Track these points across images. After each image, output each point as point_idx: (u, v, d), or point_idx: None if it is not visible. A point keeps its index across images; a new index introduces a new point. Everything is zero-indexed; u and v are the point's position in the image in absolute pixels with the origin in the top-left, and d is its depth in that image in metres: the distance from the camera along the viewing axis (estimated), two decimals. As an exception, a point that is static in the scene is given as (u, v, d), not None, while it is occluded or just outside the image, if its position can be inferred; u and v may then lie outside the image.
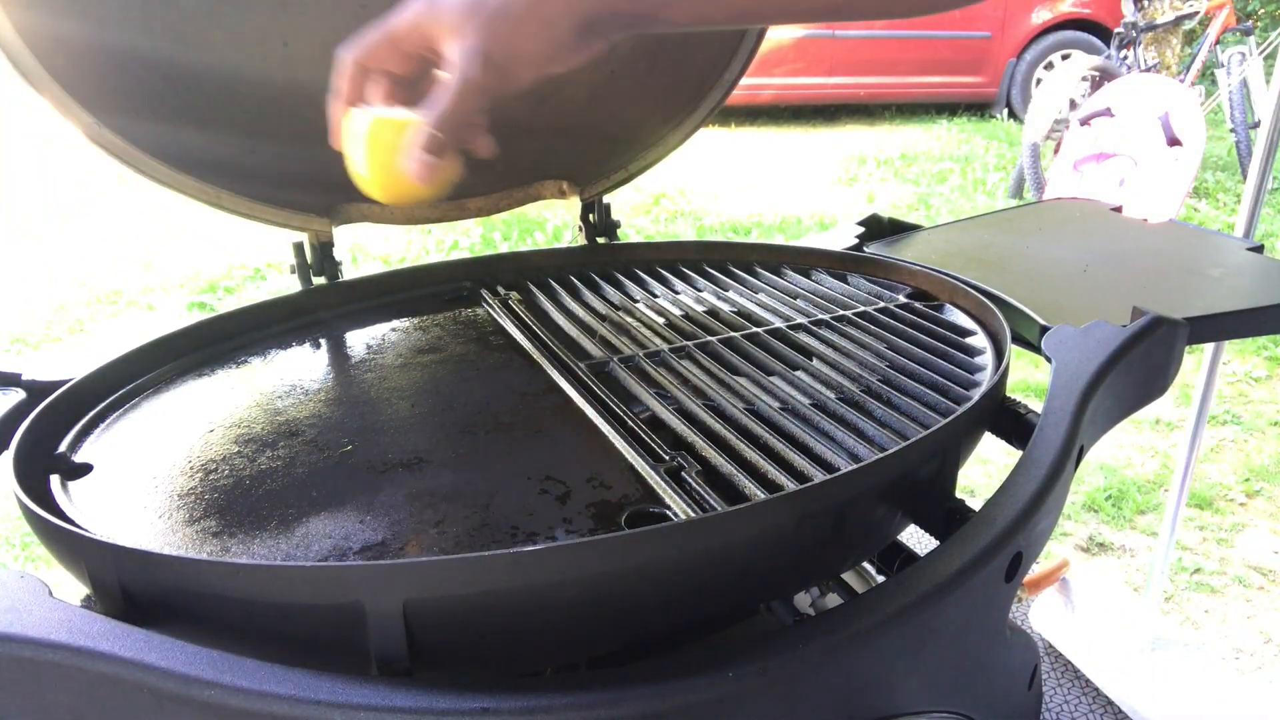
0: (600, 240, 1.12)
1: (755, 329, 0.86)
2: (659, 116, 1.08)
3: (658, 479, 0.61)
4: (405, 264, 1.54)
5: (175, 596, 0.51)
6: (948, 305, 0.92)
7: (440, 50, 0.59)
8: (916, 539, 0.80)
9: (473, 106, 0.58)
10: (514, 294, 0.99)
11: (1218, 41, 5.21)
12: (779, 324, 0.88)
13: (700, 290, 1.00)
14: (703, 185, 5.14)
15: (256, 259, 3.97)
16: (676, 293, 0.99)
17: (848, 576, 0.84)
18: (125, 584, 0.52)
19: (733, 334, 0.85)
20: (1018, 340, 0.84)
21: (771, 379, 0.77)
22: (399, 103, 0.61)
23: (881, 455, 0.59)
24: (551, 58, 0.58)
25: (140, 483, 0.64)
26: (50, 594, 0.50)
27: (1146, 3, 5.24)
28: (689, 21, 0.60)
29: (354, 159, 0.62)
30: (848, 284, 1.00)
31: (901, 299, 0.94)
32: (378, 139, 0.61)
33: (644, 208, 4.79)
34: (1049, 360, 0.75)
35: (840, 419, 0.70)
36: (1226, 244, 1.09)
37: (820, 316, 0.89)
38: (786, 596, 0.73)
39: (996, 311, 0.84)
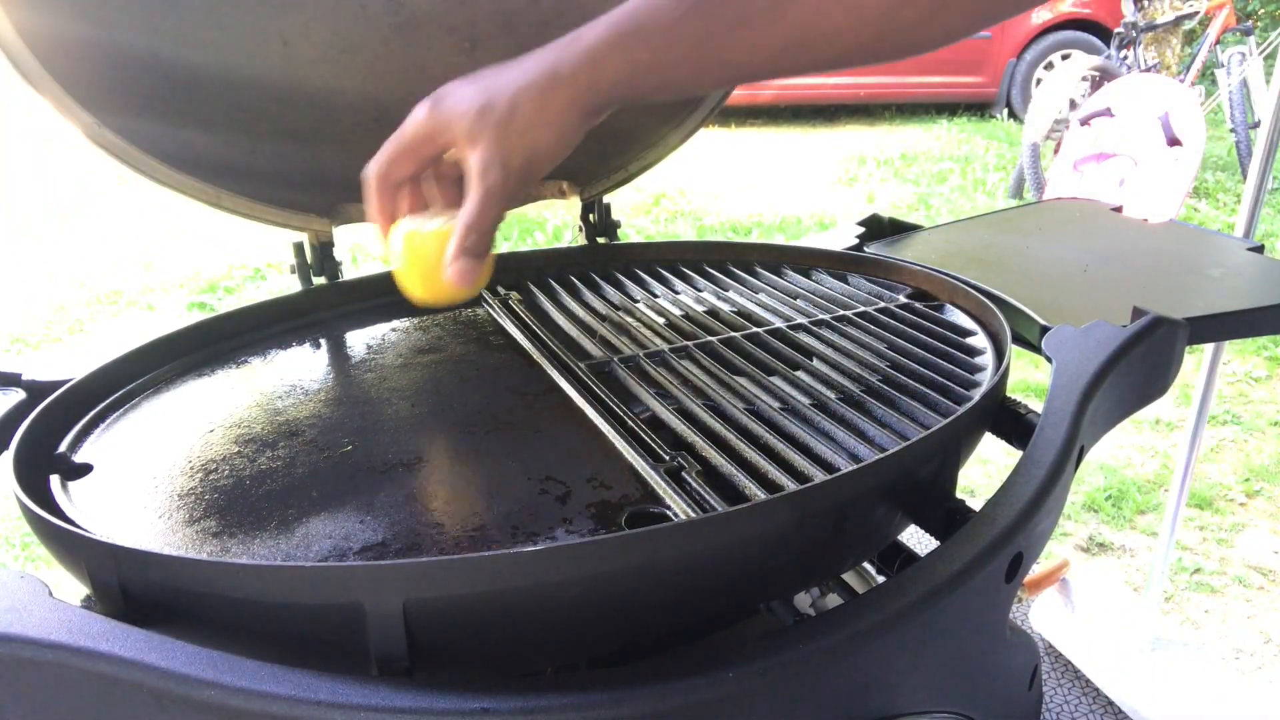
0: (600, 240, 1.12)
1: (755, 329, 0.86)
2: (659, 116, 1.08)
3: (658, 479, 0.61)
4: (405, 264, 1.53)
5: (175, 596, 0.51)
6: (948, 305, 0.92)
7: (456, 156, 0.61)
8: (916, 539, 0.80)
9: (499, 209, 0.61)
10: (514, 294, 0.99)
11: (1218, 41, 5.21)
12: (779, 324, 0.88)
13: (700, 290, 1.00)
14: (703, 185, 5.14)
15: (256, 259, 3.97)
16: (676, 293, 0.99)
17: (848, 576, 0.84)
18: (125, 584, 0.52)
19: (733, 334, 0.85)
20: (1018, 340, 0.84)
21: (772, 379, 0.77)
22: (428, 204, 0.65)
23: (882, 455, 0.59)
24: (565, 147, 0.61)
25: (140, 483, 0.64)
26: (50, 594, 0.50)
27: (1146, 3, 5.24)
28: (687, 94, 0.62)
29: (397, 268, 0.67)
30: (848, 284, 1.00)
31: (901, 299, 0.94)
32: (414, 251, 0.65)
33: (644, 208, 4.79)
34: (1049, 360, 0.75)
35: (841, 419, 0.69)
36: (1226, 244, 1.09)
37: (820, 316, 0.89)
38: (786, 596, 0.73)
39: (997, 311, 0.84)
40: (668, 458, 0.63)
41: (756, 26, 0.57)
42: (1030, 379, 2.85)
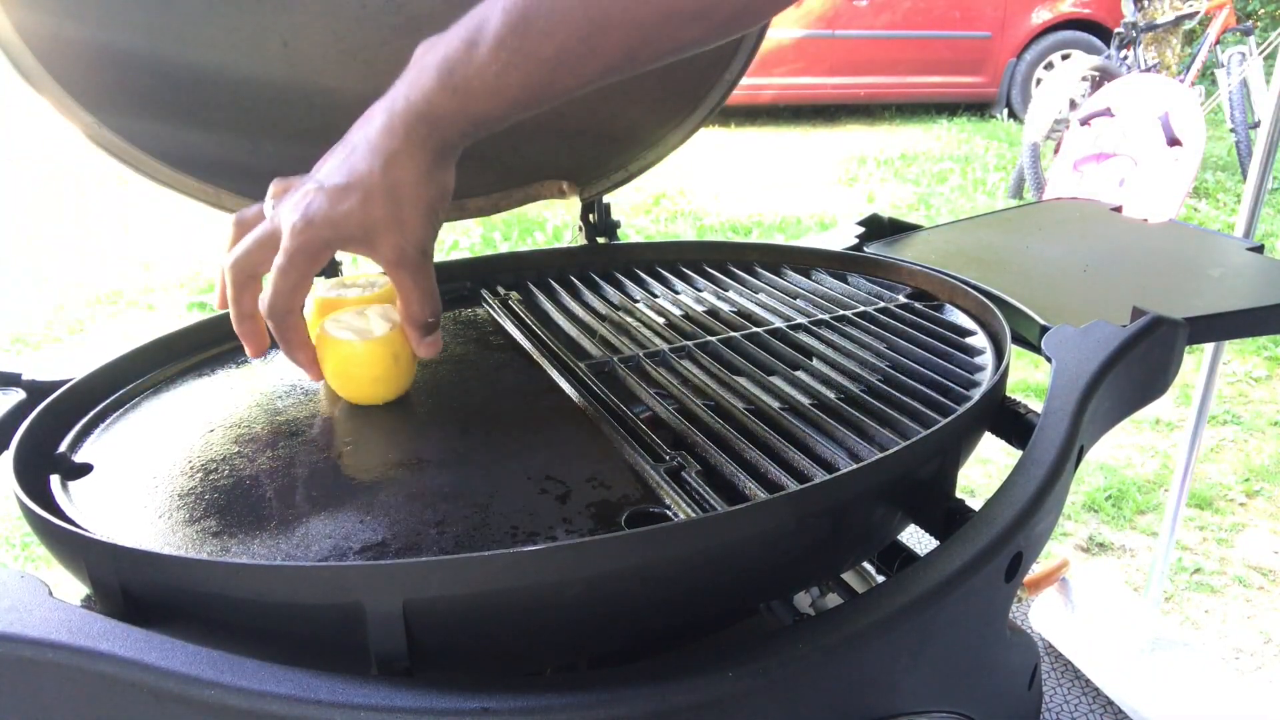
0: (600, 240, 1.12)
1: (755, 329, 0.86)
2: (659, 116, 1.08)
3: (658, 479, 0.61)
4: (405, 264, 1.53)
5: (175, 596, 0.51)
6: (948, 305, 0.92)
7: (351, 253, 0.63)
8: (916, 539, 0.80)
9: (429, 280, 0.65)
10: (514, 294, 0.99)
11: (1218, 41, 5.21)
12: (779, 324, 0.88)
13: (700, 290, 1.00)
14: (703, 185, 5.15)
15: (257, 259, 3.96)
16: (676, 293, 0.99)
17: (848, 576, 0.84)
18: (125, 584, 0.52)
19: (733, 334, 0.85)
20: (1018, 340, 0.84)
21: (772, 379, 0.77)
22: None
23: (882, 455, 0.59)
24: (447, 192, 0.63)
25: (140, 483, 0.64)
26: (50, 594, 0.50)
27: (1146, 3, 5.24)
28: (546, 107, 0.62)
29: (331, 377, 0.72)
30: (848, 284, 1.00)
31: (901, 299, 0.94)
32: (348, 363, 0.71)
33: (644, 208, 4.79)
34: (1049, 360, 0.75)
35: (840, 419, 0.69)
36: (1226, 244, 1.09)
37: (820, 316, 0.89)
38: (786, 596, 0.73)
39: (996, 311, 0.84)
40: (668, 457, 0.63)
41: (573, 66, 0.58)
42: (1030, 379, 2.86)
